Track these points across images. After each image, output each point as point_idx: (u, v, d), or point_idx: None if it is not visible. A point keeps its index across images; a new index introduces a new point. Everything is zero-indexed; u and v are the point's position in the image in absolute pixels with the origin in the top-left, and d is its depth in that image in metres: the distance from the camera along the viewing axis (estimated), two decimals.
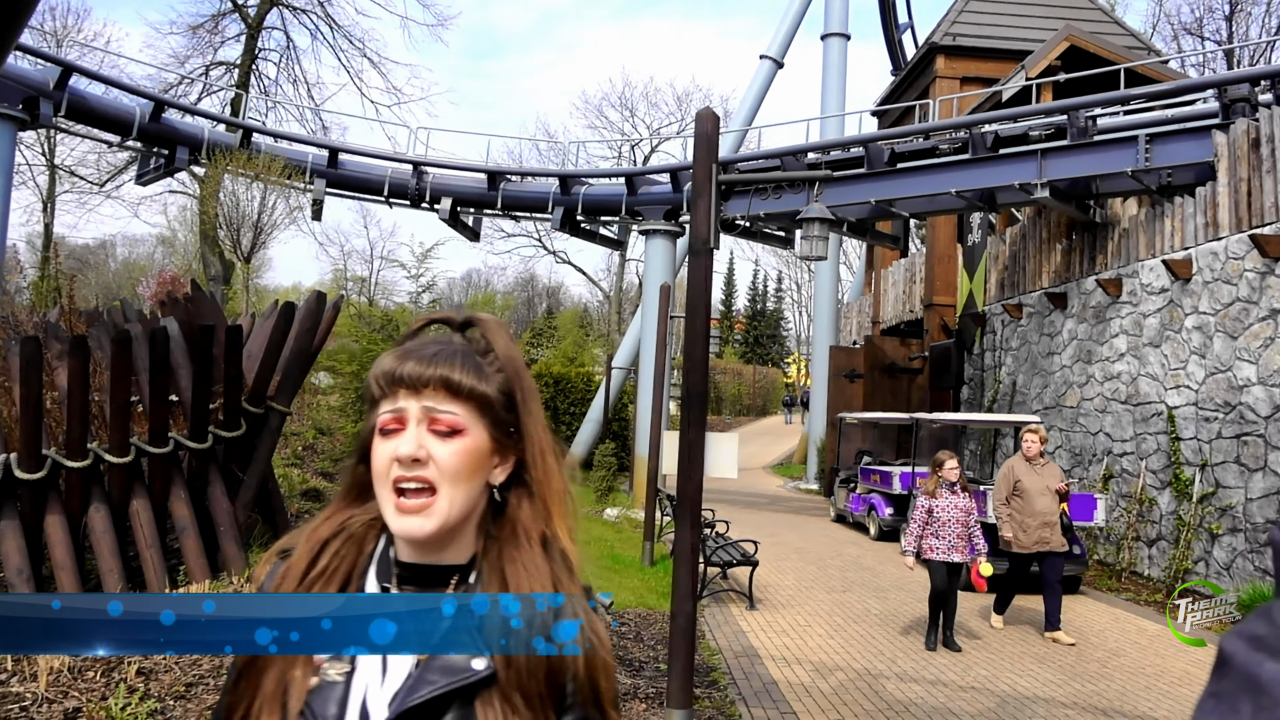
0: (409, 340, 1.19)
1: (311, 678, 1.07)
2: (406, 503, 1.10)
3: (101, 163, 29.13)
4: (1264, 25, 26.62)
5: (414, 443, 1.10)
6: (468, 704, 1.06)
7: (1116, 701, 6.59)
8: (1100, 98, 12.89)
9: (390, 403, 1.13)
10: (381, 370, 1.14)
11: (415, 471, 1.10)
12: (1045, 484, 8.26)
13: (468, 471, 1.12)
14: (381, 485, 1.11)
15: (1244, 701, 0.52)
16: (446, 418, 1.12)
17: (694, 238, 6.14)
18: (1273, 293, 9.77)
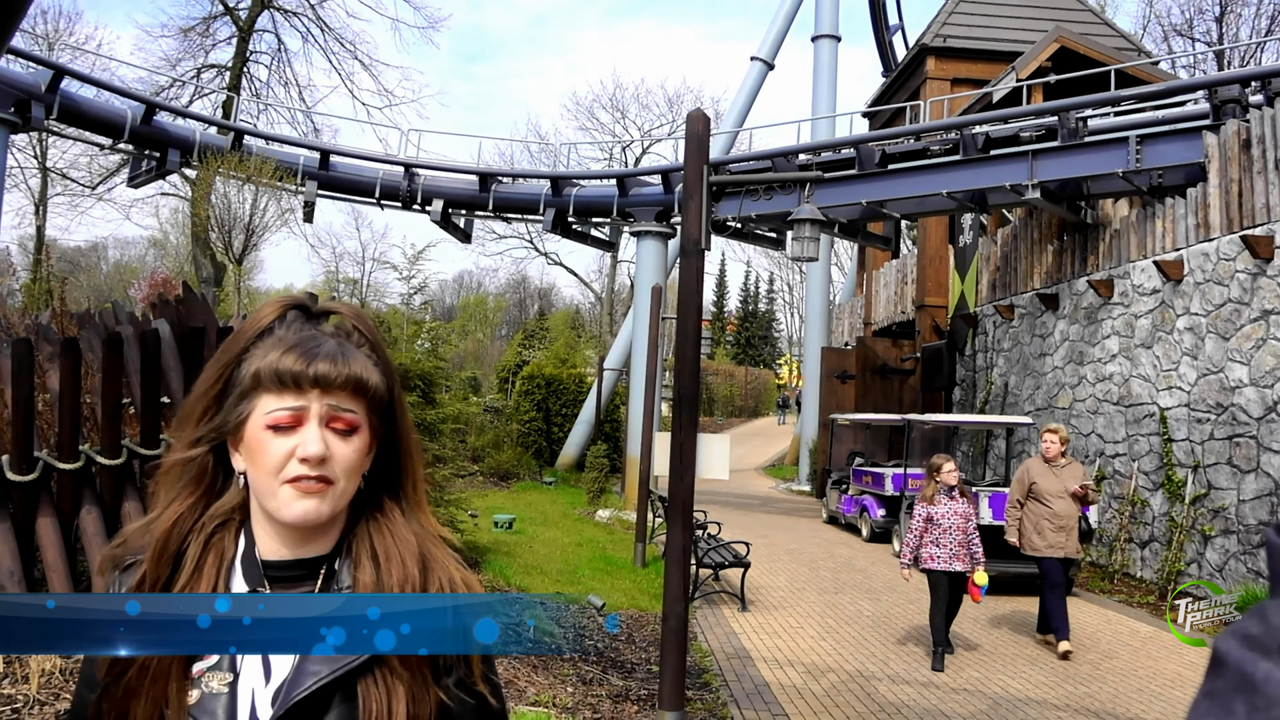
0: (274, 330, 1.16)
1: (191, 691, 1.06)
2: (304, 484, 1.10)
3: (93, 165, 29.06)
4: (1254, 27, 26.76)
5: (320, 443, 1.10)
6: (351, 688, 1.06)
7: (1109, 704, 6.60)
8: (1091, 99, 12.93)
9: (288, 399, 1.11)
10: (285, 368, 1.11)
11: (318, 470, 1.10)
12: (1064, 486, 7.90)
13: (359, 467, 1.15)
14: (271, 478, 1.10)
15: (1238, 702, 0.51)
16: (348, 416, 1.13)
17: (685, 239, 6.14)
18: (1264, 294, 9.81)
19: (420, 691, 1.08)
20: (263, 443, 1.11)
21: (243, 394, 1.13)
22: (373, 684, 1.06)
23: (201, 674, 1.06)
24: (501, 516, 13.57)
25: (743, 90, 23.11)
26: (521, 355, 37.92)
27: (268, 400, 1.11)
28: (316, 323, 1.19)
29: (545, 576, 9.99)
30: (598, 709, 5.81)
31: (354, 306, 1.25)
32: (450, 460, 10.92)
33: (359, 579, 1.13)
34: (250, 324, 1.17)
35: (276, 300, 1.20)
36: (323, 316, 1.21)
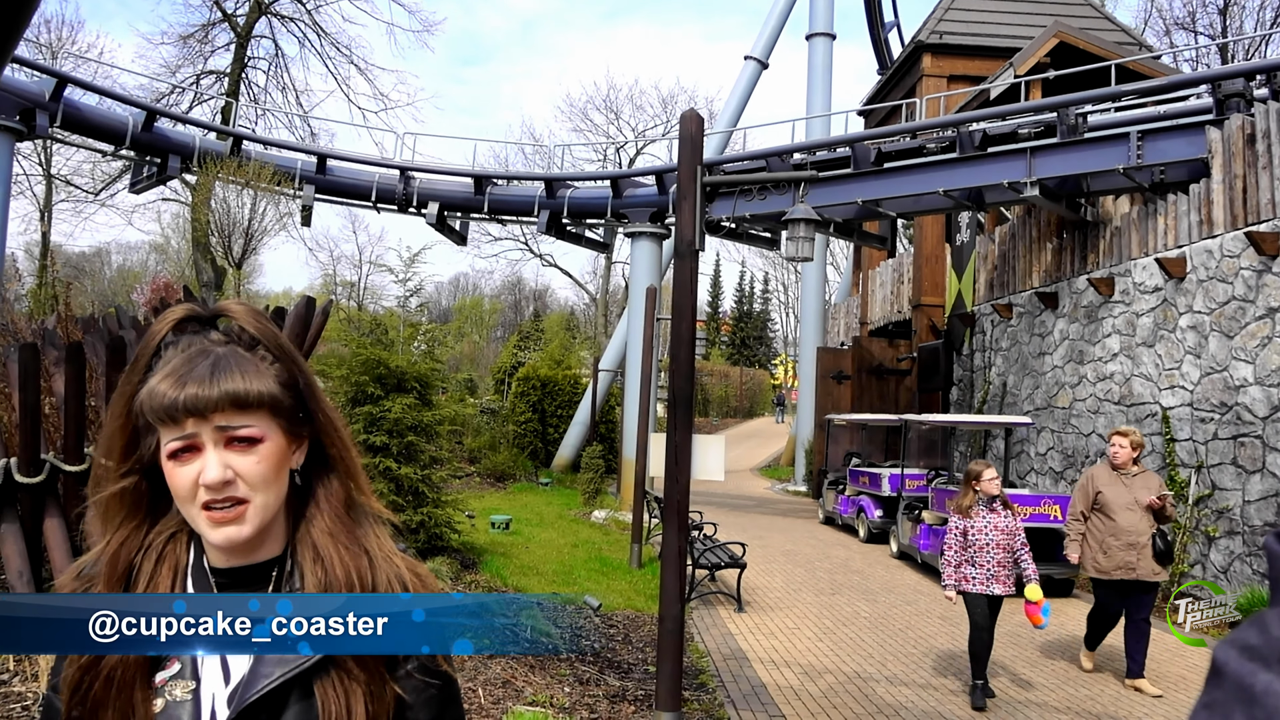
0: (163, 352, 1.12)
1: (155, 700, 1.05)
2: (219, 514, 1.08)
3: (96, 172, 29.30)
4: (1258, 19, 26.70)
5: (219, 467, 1.07)
6: (308, 690, 1.05)
7: (1110, 706, 6.53)
8: (1091, 94, 12.85)
9: (176, 430, 1.08)
10: (159, 404, 1.07)
11: (225, 493, 1.08)
12: (1134, 497, 6.91)
13: (273, 476, 1.12)
14: (188, 505, 1.08)
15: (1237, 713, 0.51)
16: (244, 431, 1.10)
17: (679, 240, 6.06)
18: (1269, 291, 9.73)
19: (378, 688, 1.07)
20: (170, 473, 1.09)
21: (146, 425, 1.10)
22: (330, 685, 1.05)
23: (164, 683, 1.06)
24: (498, 517, 13.51)
25: (737, 90, 23.08)
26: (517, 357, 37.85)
27: (163, 431, 1.09)
28: (208, 332, 1.16)
29: (541, 577, 9.92)
30: (594, 709, 5.75)
31: (244, 305, 1.19)
32: (447, 462, 10.86)
33: (306, 581, 1.11)
34: (144, 346, 1.13)
35: (167, 315, 1.16)
36: (213, 322, 1.17)
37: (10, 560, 6.87)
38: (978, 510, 6.56)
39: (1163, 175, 12.00)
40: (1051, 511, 10.21)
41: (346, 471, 1.19)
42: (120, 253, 51.92)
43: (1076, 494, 7.32)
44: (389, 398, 9.75)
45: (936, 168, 14.16)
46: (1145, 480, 7.06)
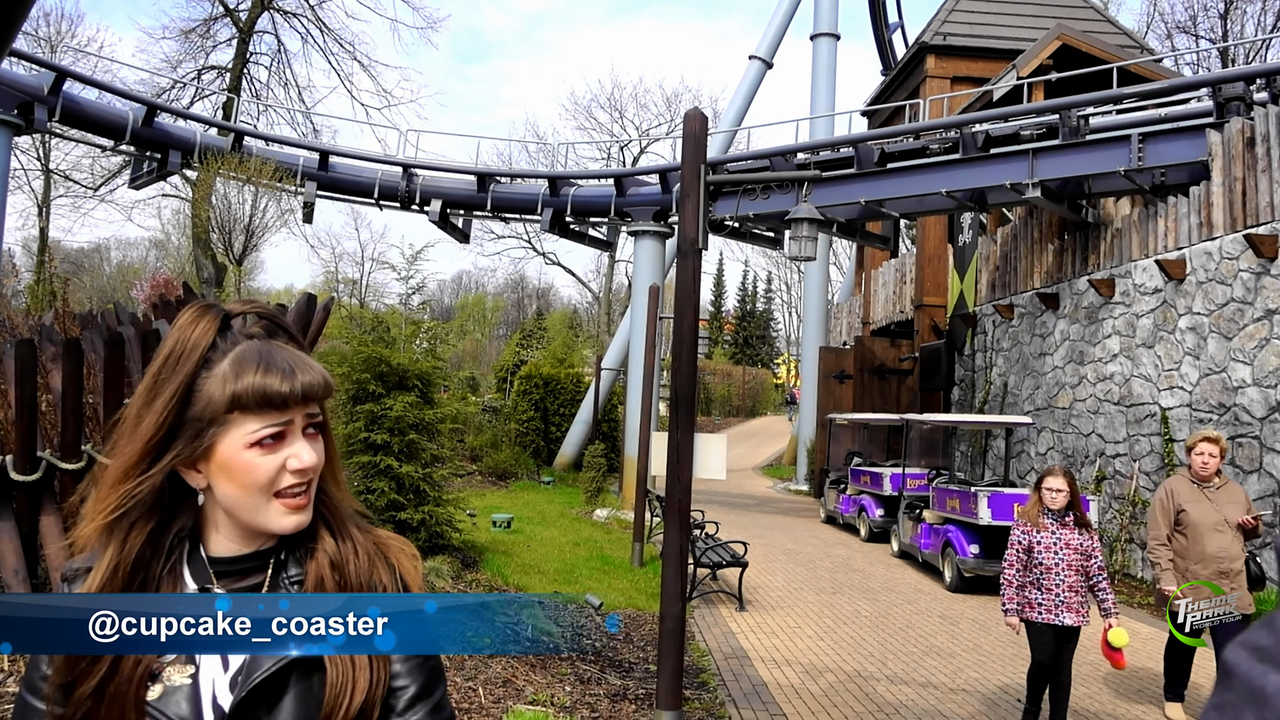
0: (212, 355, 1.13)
1: (154, 686, 1.07)
2: (295, 500, 1.13)
3: (95, 167, 29.17)
4: (1259, 23, 26.68)
5: (313, 453, 1.13)
6: (307, 672, 1.07)
7: (1109, 705, 6.55)
8: (1092, 97, 12.87)
9: (275, 417, 1.11)
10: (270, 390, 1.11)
11: (308, 477, 1.13)
12: (1222, 515, 5.84)
13: None
14: (260, 494, 1.11)
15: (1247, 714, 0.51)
16: (319, 419, 1.17)
17: (682, 239, 6.10)
18: (1268, 293, 9.76)
19: (379, 665, 1.10)
20: (247, 462, 1.11)
21: (212, 419, 1.11)
22: (334, 661, 1.07)
23: (163, 668, 1.07)
24: (499, 516, 13.54)
25: (741, 89, 23.08)
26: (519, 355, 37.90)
27: (248, 421, 1.11)
28: (247, 327, 1.19)
29: (543, 576, 9.95)
30: (595, 708, 5.78)
31: (259, 303, 1.24)
32: (448, 460, 10.88)
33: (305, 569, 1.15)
34: (189, 345, 1.13)
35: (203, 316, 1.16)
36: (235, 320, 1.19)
37: (6, 558, 6.86)
38: (1045, 523, 5.52)
39: (1163, 178, 12.02)
40: None
41: (333, 468, 1.23)
42: (120, 249, 52.00)
43: (1156, 513, 6.05)
44: (390, 395, 9.78)
45: (939, 168, 14.18)
46: (1231, 494, 5.97)
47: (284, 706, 1.07)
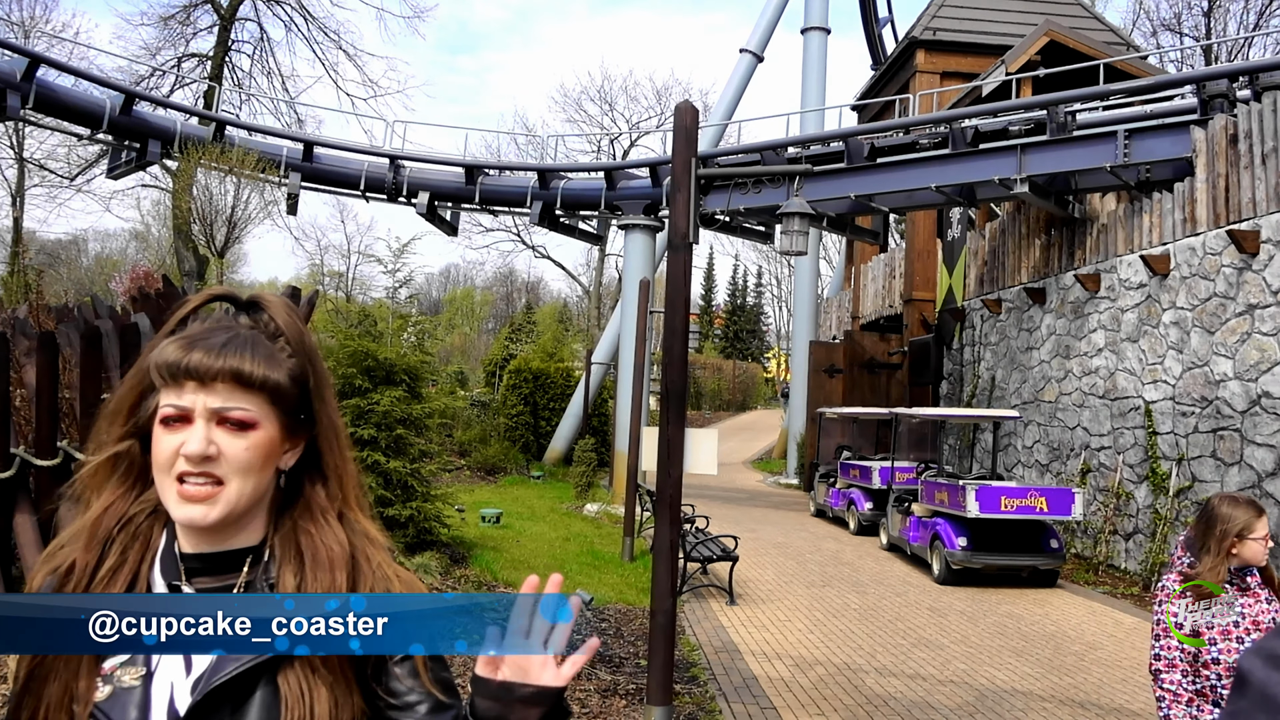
0: (189, 322, 1.14)
1: (102, 686, 1.04)
2: (190, 490, 1.07)
3: (72, 156, 28.68)
4: (1241, 21, 26.89)
5: (202, 440, 1.07)
6: (274, 678, 1.04)
7: (1093, 694, 6.62)
8: (1080, 93, 12.94)
9: (174, 394, 1.08)
10: (164, 360, 1.08)
11: (203, 468, 1.07)
12: None
13: (258, 464, 1.10)
14: (163, 475, 1.08)
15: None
16: (237, 413, 1.09)
17: (673, 233, 6.09)
18: (1250, 288, 9.84)
19: (343, 694, 1.06)
20: (157, 438, 1.09)
21: (150, 387, 1.11)
22: (292, 678, 1.04)
23: (114, 669, 1.05)
24: (489, 511, 13.52)
25: (731, 83, 23.06)
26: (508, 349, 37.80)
27: (164, 395, 1.09)
28: (236, 316, 1.16)
29: (533, 571, 9.88)
30: (585, 703, 5.79)
31: (280, 298, 1.19)
32: (436, 455, 10.85)
33: (282, 581, 1.10)
34: (174, 312, 1.15)
35: (203, 290, 1.18)
36: (248, 310, 1.18)
37: None
38: (1226, 592, 3.34)
39: (1148, 173, 12.11)
40: (1038, 504, 10.31)
41: (340, 483, 1.18)
42: (98, 240, 51.33)
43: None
44: (377, 390, 9.73)
45: (929, 163, 14.23)
46: None
47: (249, 713, 1.03)
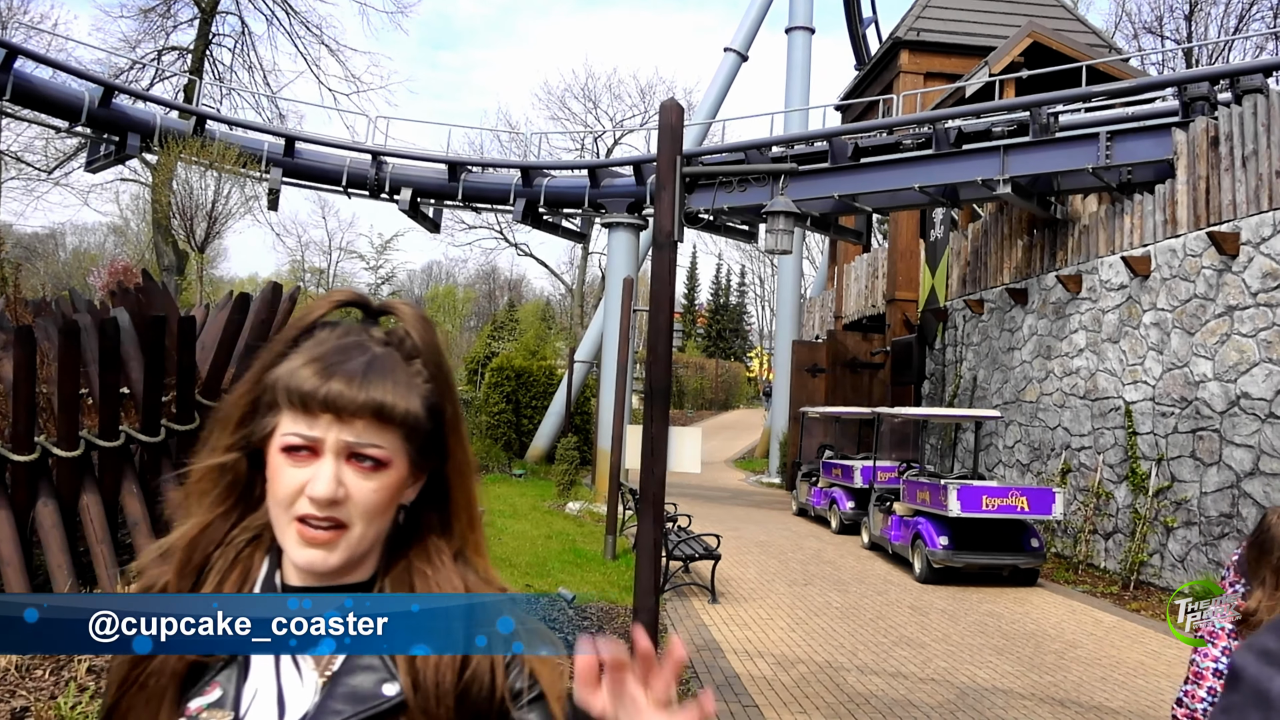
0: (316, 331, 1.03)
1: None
2: (312, 533, 0.97)
3: (49, 149, 28.34)
4: (1222, 25, 27.19)
5: (331, 482, 0.97)
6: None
7: (1073, 692, 6.67)
8: (1062, 94, 13.04)
9: (303, 423, 0.98)
10: (297, 386, 0.98)
11: (328, 511, 0.97)
12: None
13: (385, 506, 1.01)
14: (282, 511, 0.98)
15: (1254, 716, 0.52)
16: (372, 451, 0.99)
17: (658, 231, 6.08)
18: (1229, 290, 9.95)
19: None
20: (277, 468, 0.99)
21: (270, 404, 1.01)
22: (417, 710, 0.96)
23: (199, 710, 0.97)
24: None
25: (716, 81, 23.08)
26: (491, 347, 37.70)
27: (287, 419, 0.99)
28: (368, 326, 1.05)
29: (515, 569, 9.92)
30: None
31: (415, 309, 1.08)
32: None
33: None
34: (295, 320, 1.04)
35: (331, 295, 1.06)
36: (379, 316, 1.07)
37: None
38: None
39: (1130, 175, 12.22)
40: (1019, 503, 10.38)
41: (467, 522, 1.08)
42: (76, 234, 50.75)
43: None
44: None
45: (912, 164, 14.29)
46: None
47: None
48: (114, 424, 7.24)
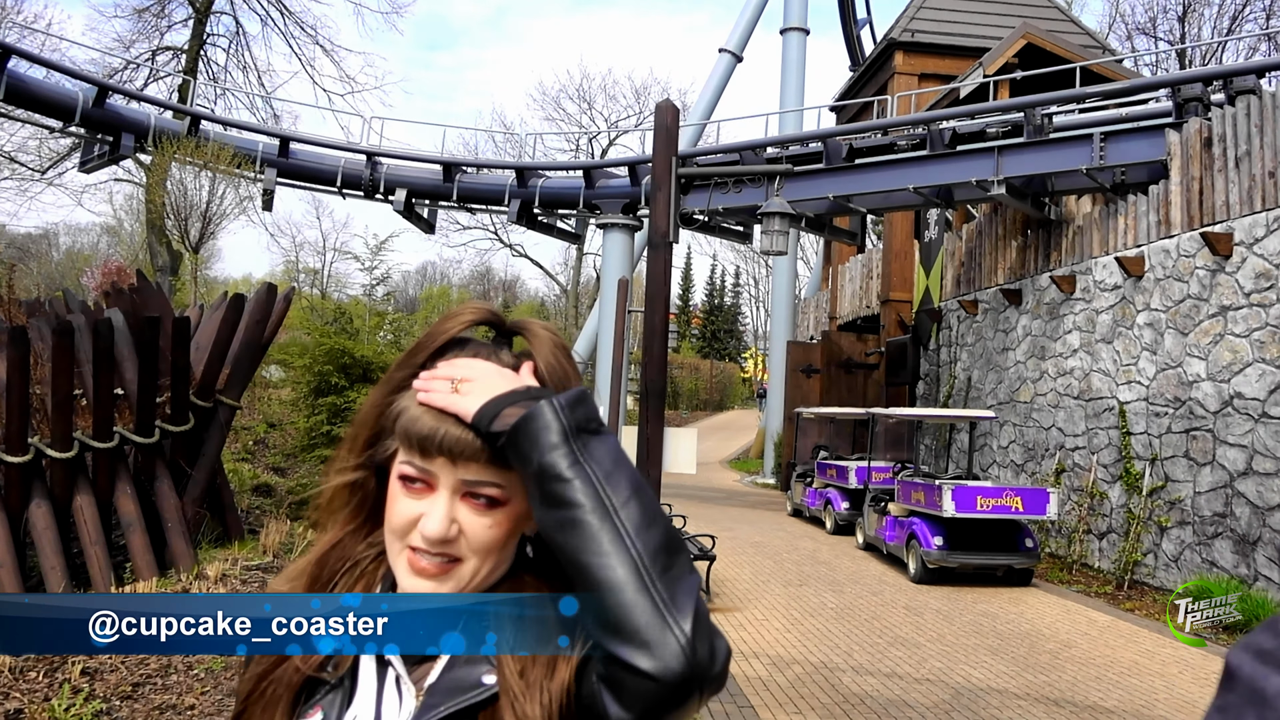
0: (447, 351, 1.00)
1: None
2: (422, 564, 0.95)
3: (43, 149, 28.26)
4: (1215, 26, 27.30)
5: (443, 522, 0.94)
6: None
7: (1068, 692, 6.68)
8: (1056, 95, 13.08)
9: (418, 460, 0.95)
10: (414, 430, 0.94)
11: (440, 549, 0.94)
12: None
13: (500, 543, 0.97)
14: (395, 538, 0.97)
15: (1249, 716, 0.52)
16: (489, 490, 0.95)
17: (653, 231, 6.09)
18: (1222, 290, 9.99)
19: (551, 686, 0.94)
20: (394, 495, 0.97)
21: (391, 429, 0.99)
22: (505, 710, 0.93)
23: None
24: None
25: (711, 82, 23.12)
26: None
27: (404, 450, 0.97)
28: (499, 348, 1.02)
29: None
30: None
31: (550, 331, 1.04)
32: None
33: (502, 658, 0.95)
34: (430, 337, 1.00)
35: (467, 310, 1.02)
36: (511, 336, 1.03)
37: None
38: None
39: (1124, 176, 12.25)
40: (1013, 503, 10.41)
41: None
42: (69, 234, 50.57)
43: None
44: (354, 388, 9.68)
45: (907, 164, 14.32)
46: None
47: None
48: (108, 425, 7.23)
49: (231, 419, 8.87)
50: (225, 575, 7.07)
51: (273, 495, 11.03)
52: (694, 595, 0.84)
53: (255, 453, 13.33)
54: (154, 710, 4.80)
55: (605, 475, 0.87)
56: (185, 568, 7.42)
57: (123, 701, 4.85)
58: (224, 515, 8.66)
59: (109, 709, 4.74)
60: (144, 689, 5.03)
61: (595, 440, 0.89)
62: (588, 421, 0.89)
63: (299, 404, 15.68)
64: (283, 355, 16.63)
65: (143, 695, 4.96)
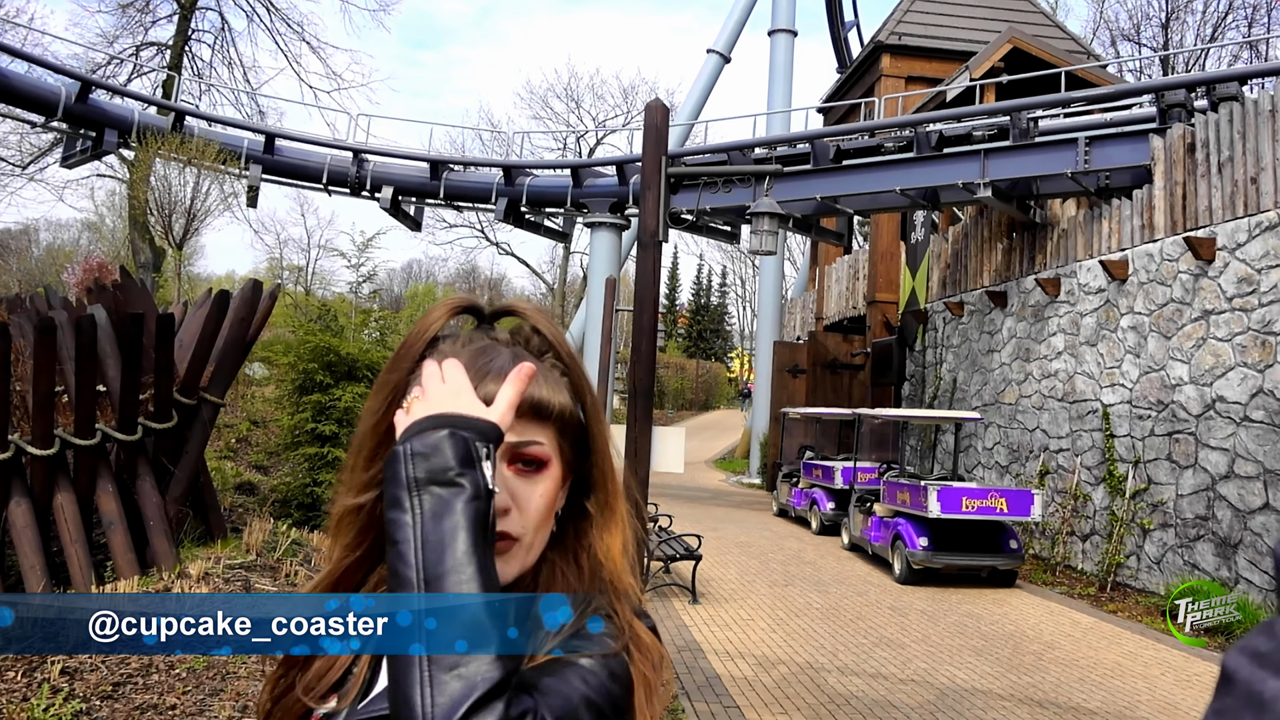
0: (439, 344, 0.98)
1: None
2: None
3: (24, 144, 27.97)
4: (1198, 33, 27.56)
5: (500, 489, 0.88)
6: None
7: (1051, 693, 6.72)
8: (1042, 100, 13.17)
9: None
10: None
11: (502, 526, 0.90)
12: None
13: (549, 512, 0.95)
14: None
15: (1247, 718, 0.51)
16: (534, 450, 0.93)
17: (642, 231, 6.09)
18: (1205, 294, 10.08)
19: None
20: None
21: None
22: None
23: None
24: None
25: (699, 82, 23.14)
26: None
27: None
28: (487, 330, 1.02)
29: None
30: None
31: (533, 304, 1.05)
32: None
33: None
34: (413, 336, 0.98)
35: (443, 304, 1.01)
36: (496, 319, 1.04)
37: None
38: None
39: (1108, 180, 12.35)
40: (998, 505, 10.47)
41: (607, 523, 0.99)
42: (50, 230, 50.06)
43: None
44: (339, 386, 9.61)
45: (894, 166, 14.38)
46: None
47: None
48: (90, 422, 7.16)
49: (215, 417, 8.80)
50: (208, 574, 7.01)
51: (256, 493, 10.95)
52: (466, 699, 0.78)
53: (238, 451, 13.24)
54: (135, 710, 4.75)
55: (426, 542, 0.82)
56: (167, 566, 7.35)
57: (103, 701, 4.80)
58: (207, 514, 8.59)
59: (89, 709, 4.69)
60: (125, 689, 4.98)
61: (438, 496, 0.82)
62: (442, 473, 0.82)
63: (283, 402, 15.58)
64: (267, 353, 16.53)
65: (123, 695, 4.91)
